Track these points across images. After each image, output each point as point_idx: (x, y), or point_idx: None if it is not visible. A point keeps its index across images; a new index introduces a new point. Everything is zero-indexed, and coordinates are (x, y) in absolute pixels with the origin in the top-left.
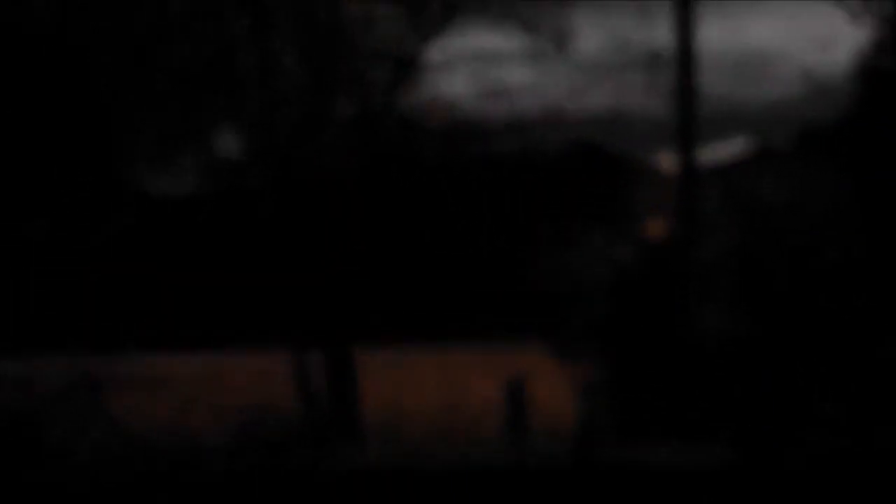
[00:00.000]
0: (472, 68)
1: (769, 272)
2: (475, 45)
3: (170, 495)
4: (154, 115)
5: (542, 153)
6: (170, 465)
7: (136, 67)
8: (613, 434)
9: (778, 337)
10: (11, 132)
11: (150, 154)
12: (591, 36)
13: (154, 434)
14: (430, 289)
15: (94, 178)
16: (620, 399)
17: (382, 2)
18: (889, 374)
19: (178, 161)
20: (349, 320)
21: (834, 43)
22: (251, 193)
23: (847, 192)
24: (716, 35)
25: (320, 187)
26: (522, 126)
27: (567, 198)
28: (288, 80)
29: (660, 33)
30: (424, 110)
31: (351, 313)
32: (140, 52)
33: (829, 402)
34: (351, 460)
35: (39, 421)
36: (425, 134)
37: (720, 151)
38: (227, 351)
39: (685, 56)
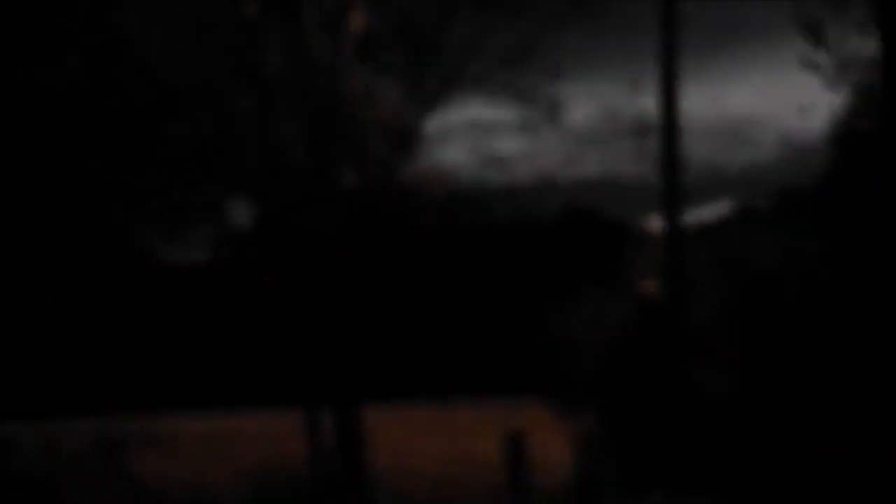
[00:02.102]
0: (469, 138)
1: (760, 332)
2: (472, 117)
3: None
4: (165, 188)
5: (538, 218)
6: None
7: (145, 141)
8: (611, 487)
9: (772, 393)
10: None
11: (163, 225)
12: (582, 106)
13: (171, 491)
14: (434, 349)
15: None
16: (617, 453)
17: (382, 76)
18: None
19: (189, 231)
20: (357, 379)
21: (810, 109)
22: (260, 261)
23: (828, 251)
24: (699, 103)
25: (325, 254)
26: (518, 193)
27: (562, 260)
28: (291, 153)
29: (646, 103)
30: (423, 179)
31: (358, 373)
32: (149, 127)
33: (823, 456)
34: None
35: (60, 482)
36: (425, 202)
37: (705, 213)
38: (240, 410)
39: (670, 124)
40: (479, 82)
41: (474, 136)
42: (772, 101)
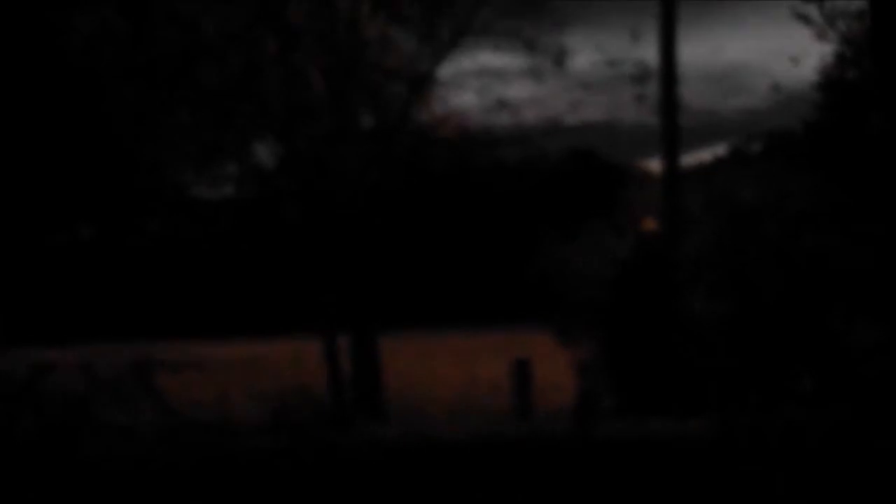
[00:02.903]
0: (479, 84)
1: (749, 261)
2: (481, 64)
3: (211, 469)
4: (192, 125)
5: (544, 160)
6: (214, 442)
7: (176, 84)
8: (611, 410)
9: (757, 319)
10: (67, 144)
11: (192, 162)
12: (586, 54)
13: (198, 413)
14: (448, 282)
15: (143, 184)
16: (616, 378)
17: (397, 24)
18: (856, 354)
19: (216, 169)
20: (374, 310)
21: (801, 58)
22: (283, 197)
23: (814, 187)
24: (696, 52)
25: (345, 190)
26: (525, 136)
27: (566, 198)
28: (313, 96)
29: (647, 51)
30: (436, 122)
31: (374, 302)
32: (179, 71)
33: (807, 378)
34: (373, 436)
35: (97, 401)
36: (438, 145)
37: (702, 156)
38: (265, 337)
39: (668, 71)
40: (489, 31)
41: (484, 82)
42: (765, 51)
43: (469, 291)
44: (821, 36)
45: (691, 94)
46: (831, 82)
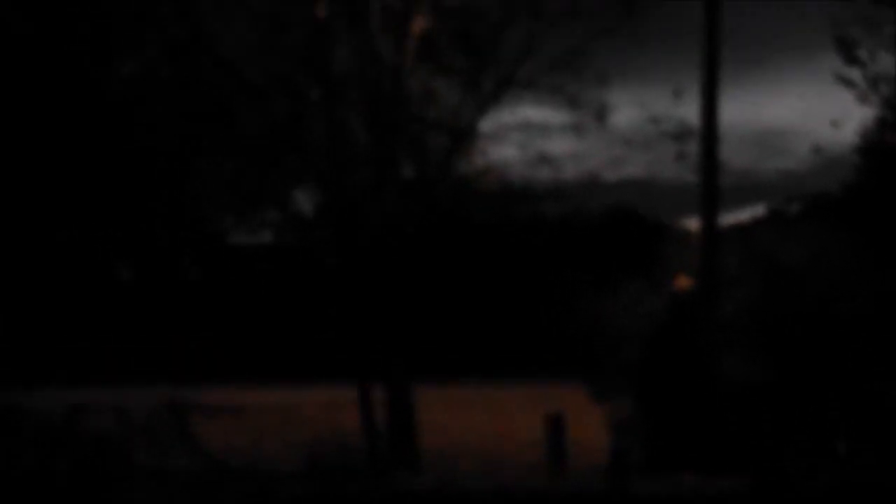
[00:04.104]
0: (521, 138)
1: (786, 324)
2: (523, 118)
3: None
4: (235, 172)
5: (584, 215)
6: (248, 488)
7: (219, 130)
8: (642, 467)
9: (794, 382)
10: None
11: (233, 209)
12: (628, 111)
13: (233, 458)
14: (484, 334)
15: (183, 228)
16: (649, 436)
17: (441, 76)
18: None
19: (256, 216)
20: (411, 360)
21: (843, 121)
22: (322, 245)
23: (853, 251)
24: (738, 113)
25: (384, 242)
26: (565, 191)
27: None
28: (355, 146)
29: (688, 110)
30: (477, 175)
31: (412, 352)
32: (221, 116)
33: (841, 441)
34: (408, 485)
35: (131, 443)
36: (478, 197)
37: (740, 216)
38: (299, 385)
39: (710, 130)
40: (531, 85)
41: (526, 135)
42: (806, 113)
43: (506, 345)
44: (863, 99)
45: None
46: (872, 146)
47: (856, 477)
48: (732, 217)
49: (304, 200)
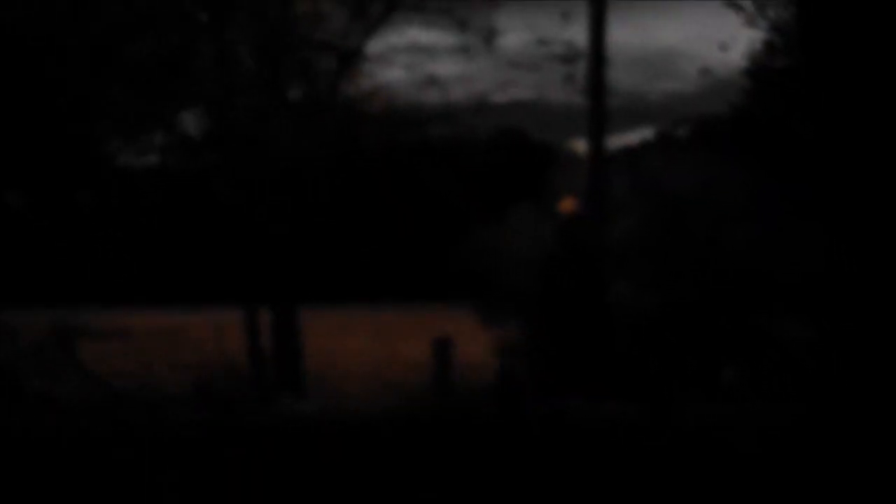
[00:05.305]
0: (410, 60)
1: (673, 252)
2: (412, 40)
3: (135, 441)
4: (124, 98)
5: (472, 138)
6: (136, 414)
7: (108, 55)
8: (531, 391)
9: (684, 312)
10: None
11: (121, 132)
12: (516, 34)
13: (121, 382)
14: (374, 260)
15: (71, 153)
16: (538, 359)
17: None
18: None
19: (144, 139)
20: (296, 285)
21: (731, 44)
22: (209, 169)
23: (741, 178)
24: (626, 35)
25: (271, 166)
26: (453, 114)
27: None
28: (243, 69)
29: (577, 31)
30: (365, 98)
31: (299, 279)
32: (111, 42)
33: (728, 371)
34: (291, 411)
35: (22, 370)
36: (366, 121)
37: (629, 138)
38: (187, 308)
39: (597, 52)
40: (420, 8)
41: (414, 57)
42: (695, 36)
43: (395, 271)
44: (751, 23)
45: (620, 76)
46: (760, 69)
47: (737, 407)
48: (622, 140)
49: (191, 123)
